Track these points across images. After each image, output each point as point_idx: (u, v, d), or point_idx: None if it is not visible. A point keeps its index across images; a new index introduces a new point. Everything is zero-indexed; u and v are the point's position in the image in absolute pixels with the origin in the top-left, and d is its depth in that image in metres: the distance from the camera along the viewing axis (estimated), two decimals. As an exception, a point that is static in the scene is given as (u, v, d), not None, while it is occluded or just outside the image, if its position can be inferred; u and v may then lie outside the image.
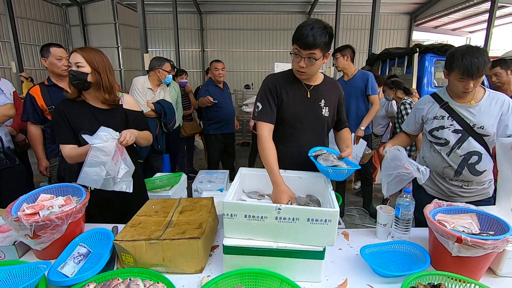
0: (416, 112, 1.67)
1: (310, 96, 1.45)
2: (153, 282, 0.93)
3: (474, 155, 1.48)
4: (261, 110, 1.42)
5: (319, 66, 1.35)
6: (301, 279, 1.02)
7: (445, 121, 1.52)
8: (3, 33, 7.21)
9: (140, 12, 5.16)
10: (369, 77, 2.86)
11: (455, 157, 1.51)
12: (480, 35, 10.66)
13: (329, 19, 9.74)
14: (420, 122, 1.65)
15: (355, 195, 3.88)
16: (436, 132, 1.55)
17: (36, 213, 1.10)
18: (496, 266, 1.07)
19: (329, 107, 1.47)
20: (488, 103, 1.46)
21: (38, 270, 0.94)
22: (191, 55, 10.39)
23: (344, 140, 1.54)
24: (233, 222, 1.02)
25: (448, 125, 1.51)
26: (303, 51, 1.28)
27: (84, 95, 1.51)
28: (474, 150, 1.47)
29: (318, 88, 1.46)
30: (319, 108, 1.46)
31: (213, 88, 3.57)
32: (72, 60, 1.43)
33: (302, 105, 1.44)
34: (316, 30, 1.24)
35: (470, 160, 1.48)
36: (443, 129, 1.53)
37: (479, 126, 1.45)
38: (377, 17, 5.42)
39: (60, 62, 2.22)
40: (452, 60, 1.40)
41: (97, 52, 1.47)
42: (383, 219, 1.30)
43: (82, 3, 8.78)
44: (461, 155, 1.49)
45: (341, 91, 1.55)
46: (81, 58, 1.42)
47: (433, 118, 1.56)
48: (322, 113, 1.46)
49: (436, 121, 1.55)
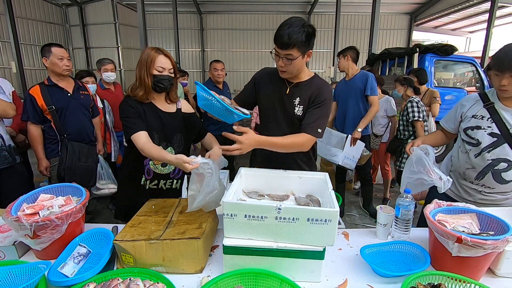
0: (457, 108, 1.55)
1: (289, 93, 1.46)
2: (153, 282, 0.92)
3: (503, 162, 1.38)
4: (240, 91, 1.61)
5: (299, 65, 1.36)
6: (301, 279, 1.02)
7: (483, 122, 1.41)
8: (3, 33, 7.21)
9: (140, 12, 5.16)
10: (369, 77, 2.83)
11: (481, 160, 1.42)
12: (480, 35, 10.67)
13: (329, 19, 9.74)
14: (459, 120, 1.53)
15: (355, 195, 3.88)
16: (471, 132, 1.45)
17: (36, 213, 1.10)
18: (495, 266, 1.07)
19: (303, 106, 1.46)
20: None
21: (38, 270, 0.94)
22: (191, 55, 10.40)
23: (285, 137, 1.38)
24: (233, 222, 1.02)
25: (486, 126, 1.40)
26: (281, 51, 1.30)
27: (154, 97, 1.51)
28: (505, 158, 1.37)
29: (298, 86, 1.46)
30: (293, 105, 1.46)
31: (212, 88, 3.57)
32: (163, 65, 1.42)
33: (279, 100, 1.48)
34: (292, 29, 1.24)
35: (498, 166, 1.39)
36: (478, 129, 1.43)
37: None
38: (377, 17, 5.42)
39: (62, 62, 2.22)
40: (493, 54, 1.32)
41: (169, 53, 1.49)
42: (383, 219, 1.30)
43: (82, 3, 8.78)
44: (489, 159, 1.40)
45: (322, 93, 1.42)
46: (170, 64, 1.45)
47: (471, 116, 1.46)
48: (294, 111, 1.46)
49: (474, 120, 1.44)
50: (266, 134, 1.50)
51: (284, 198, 1.31)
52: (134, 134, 1.37)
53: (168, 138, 1.54)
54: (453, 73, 5.96)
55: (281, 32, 1.25)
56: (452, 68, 5.81)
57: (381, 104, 3.28)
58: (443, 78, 5.86)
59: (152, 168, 1.54)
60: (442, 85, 5.61)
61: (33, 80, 7.97)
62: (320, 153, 2.90)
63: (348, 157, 2.84)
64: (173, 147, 1.56)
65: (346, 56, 2.90)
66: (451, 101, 5.12)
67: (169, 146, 1.55)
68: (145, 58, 1.41)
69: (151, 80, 1.43)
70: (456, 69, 5.88)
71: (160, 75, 1.42)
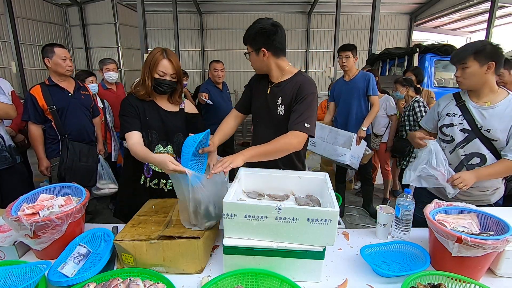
0: (434, 108, 1.64)
1: (270, 93, 1.48)
2: (153, 282, 0.93)
3: (476, 157, 1.44)
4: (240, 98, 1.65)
5: (257, 61, 1.42)
6: (301, 279, 1.02)
7: (455, 119, 1.50)
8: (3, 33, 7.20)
9: (140, 12, 5.16)
10: (370, 78, 2.87)
11: (456, 156, 1.50)
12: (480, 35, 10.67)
13: (329, 19, 9.73)
14: (437, 119, 1.61)
15: (355, 195, 3.88)
16: (445, 129, 1.54)
17: (36, 213, 1.10)
18: (495, 266, 1.07)
19: (285, 105, 1.44)
20: (504, 107, 1.40)
21: (38, 270, 0.94)
22: (191, 55, 10.39)
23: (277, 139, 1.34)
24: (233, 222, 1.02)
25: (458, 123, 1.49)
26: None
27: (156, 96, 1.52)
28: (477, 152, 1.43)
29: (279, 85, 1.46)
30: (275, 106, 1.46)
31: (212, 88, 3.57)
32: (165, 69, 1.41)
33: (262, 101, 1.50)
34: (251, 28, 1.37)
35: (471, 161, 1.46)
36: (452, 126, 1.51)
37: (486, 129, 1.41)
38: (377, 17, 5.41)
39: (65, 62, 2.23)
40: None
41: (176, 57, 1.47)
42: (383, 219, 1.30)
43: (82, 3, 8.77)
44: (462, 155, 1.47)
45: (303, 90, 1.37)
46: (173, 69, 1.43)
47: (446, 114, 1.55)
48: (277, 111, 1.46)
49: (448, 117, 1.53)
50: (256, 136, 1.57)
51: (284, 198, 1.31)
52: (128, 133, 1.39)
53: (168, 137, 1.54)
54: (453, 73, 5.95)
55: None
56: (452, 68, 5.79)
57: (380, 103, 3.29)
58: (443, 78, 5.86)
59: (151, 166, 1.54)
60: (442, 85, 5.60)
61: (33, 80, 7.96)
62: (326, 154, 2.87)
63: (354, 156, 2.84)
64: (172, 146, 1.56)
65: (356, 57, 2.89)
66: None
67: (168, 145, 1.55)
68: (150, 58, 1.42)
69: (152, 82, 1.43)
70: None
71: (160, 79, 1.42)
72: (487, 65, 1.37)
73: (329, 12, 9.47)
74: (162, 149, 1.53)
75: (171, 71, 1.42)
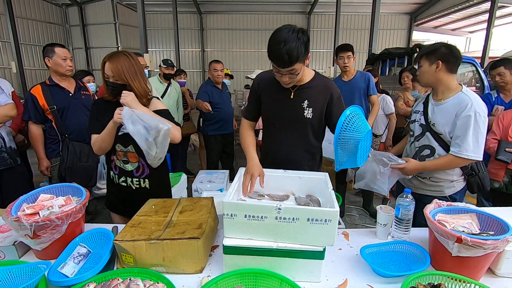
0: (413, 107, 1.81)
1: (294, 97, 1.45)
2: (153, 282, 0.93)
3: (427, 149, 1.59)
4: (246, 107, 1.58)
5: (302, 73, 1.35)
6: (301, 279, 1.02)
7: (417, 115, 1.66)
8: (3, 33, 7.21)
9: (140, 12, 5.16)
10: (370, 77, 2.89)
11: (412, 148, 1.67)
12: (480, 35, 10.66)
13: (329, 19, 9.74)
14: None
15: (355, 195, 3.88)
16: (411, 125, 1.71)
17: (36, 213, 1.10)
18: (495, 266, 1.07)
19: (314, 108, 1.44)
20: (451, 103, 1.50)
21: (38, 270, 0.94)
22: (191, 55, 10.40)
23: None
24: (233, 222, 1.02)
25: (418, 119, 1.65)
26: (282, 69, 1.26)
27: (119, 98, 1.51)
28: (427, 144, 1.58)
29: (303, 88, 1.45)
30: (301, 109, 1.45)
31: (212, 88, 3.56)
32: (107, 72, 1.43)
33: (284, 105, 1.46)
34: (289, 45, 1.17)
35: (422, 152, 1.60)
36: (414, 122, 1.67)
37: (432, 123, 1.55)
38: (377, 17, 5.42)
39: (65, 62, 2.23)
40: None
41: (126, 59, 1.43)
42: (383, 219, 1.30)
43: (82, 3, 8.78)
44: (416, 147, 1.64)
45: (332, 90, 1.46)
46: (112, 71, 1.41)
47: (414, 112, 1.72)
48: (304, 114, 1.45)
49: (414, 114, 1.70)
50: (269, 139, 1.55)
51: (284, 198, 1.31)
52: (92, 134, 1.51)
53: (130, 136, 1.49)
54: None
55: (278, 52, 1.19)
56: (452, 68, 5.81)
57: None
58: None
59: (117, 164, 1.55)
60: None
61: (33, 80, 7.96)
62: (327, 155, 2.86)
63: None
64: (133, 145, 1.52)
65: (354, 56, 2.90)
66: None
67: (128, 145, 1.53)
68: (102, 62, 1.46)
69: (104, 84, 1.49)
70: (456, 69, 5.88)
71: (107, 81, 1.46)
72: (435, 64, 1.49)
73: (329, 12, 9.48)
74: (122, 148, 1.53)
75: (111, 73, 1.42)
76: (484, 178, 1.59)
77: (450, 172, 1.56)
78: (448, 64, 1.49)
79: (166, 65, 3.55)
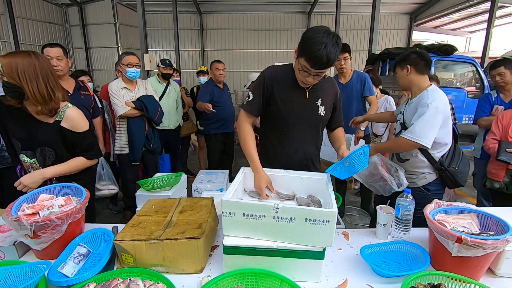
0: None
1: (309, 97, 1.45)
2: (153, 282, 0.92)
3: None
4: (251, 101, 1.45)
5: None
6: (301, 279, 1.02)
7: (400, 115, 1.86)
8: (3, 33, 7.20)
9: (140, 12, 5.16)
10: (367, 78, 2.85)
11: None
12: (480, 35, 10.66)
13: (329, 19, 9.73)
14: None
15: (355, 195, 3.88)
16: (396, 124, 1.93)
17: (36, 213, 1.10)
18: (495, 266, 1.07)
19: (325, 106, 1.49)
20: (416, 100, 1.70)
21: (38, 270, 0.94)
22: (191, 55, 10.39)
23: (338, 138, 1.56)
24: (232, 220, 1.02)
25: (399, 118, 1.85)
26: (316, 70, 1.26)
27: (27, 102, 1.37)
28: None
29: (315, 87, 1.46)
30: (316, 107, 1.47)
31: (213, 88, 3.57)
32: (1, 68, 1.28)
33: (300, 105, 1.45)
34: (330, 49, 1.19)
35: None
36: (397, 121, 1.89)
37: (404, 120, 1.77)
38: (377, 17, 5.42)
39: (51, 61, 2.17)
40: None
41: (24, 58, 1.27)
42: (383, 219, 1.30)
43: (82, 3, 8.77)
44: None
45: (337, 89, 1.55)
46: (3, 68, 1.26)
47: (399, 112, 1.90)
48: (318, 112, 1.48)
49: (399, 114, 1.88)
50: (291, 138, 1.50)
51: (290, 198, 1.32)
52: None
53: (33, 148, 1.43)
54: (453, 73, 5.96)
55: (318, 53, 1.19)
56: (452, 68, 5.81)
57: (380, 104, 3.28)
58: (443, 78, 5.86)
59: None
60: (442, 85, 5.61)
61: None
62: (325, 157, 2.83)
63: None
64: (37, 159, 1.44)
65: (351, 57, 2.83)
66: (451, 101, 5.11)
67: (33, 158, 1.45)
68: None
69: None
70: (456, 69, 5.87)
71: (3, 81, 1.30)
72: (406, 69, 1.73)
73: (329, 12, 9.47)
74: (27, 159, 1.44)
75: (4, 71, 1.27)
76: (455, 173, 1.67)
77: (420, 165, 1.73)
78: (417, 67, 1.70)
79: (164, 65, 3.54)
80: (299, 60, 1.30)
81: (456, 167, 1.67)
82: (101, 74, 9.37)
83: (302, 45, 1.25)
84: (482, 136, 2.62)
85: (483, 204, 2.57)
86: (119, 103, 2.67)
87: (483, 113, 2.65)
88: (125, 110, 2.66)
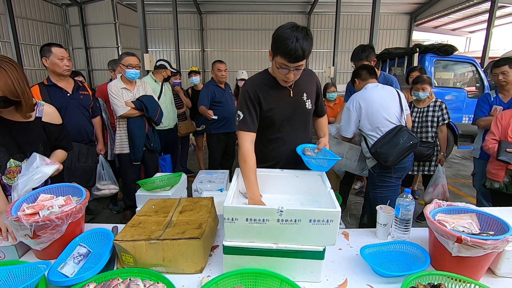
0: None
1: (294, 94, 1.46)
2: (153, 282, 0.92)
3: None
4: (242, 119, 1.40)
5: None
6: (301, 279, 1.02)
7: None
8: (3, 33, 7.20)
9: (140, 12, 5.16)
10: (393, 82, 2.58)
11: None
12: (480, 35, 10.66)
13: (329, 19, 9.74)
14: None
15: (355, 195, 3.88)
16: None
17: (36, 213, 1.10)
18: (495, 266, 1.07)
19: (311, 98, 1.51)
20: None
21: (38, 270, 0.94)
22: (191, 55, 10.39)
23: (322, 127, 1.65)
24: (234, 226, 1.00)
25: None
26: (292, 64, 1.26)
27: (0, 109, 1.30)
28: None
29: (298, 83, 1.46)
30: (303, 103, 1.49)
31: (214, 88, 3.57)
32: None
33: (288, 105, 1.46)
34: (302, 41, 1.21)
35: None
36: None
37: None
38: (377, 17, 5.41)
39: (62, 62, 2.22)
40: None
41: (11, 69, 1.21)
42: (383, 219, 1.30)
43: (82, 3, 8.77)
44: None
45: (316, 78, 1.57)
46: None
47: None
48: (306, 106, 1.49)
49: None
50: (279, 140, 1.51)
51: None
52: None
53: (23, 150, 1.39)
54: (453, 73, 5.95)
55: (292, 46, 1.20)
56: (452, 68, 5.80)
57: None
58: (443, 78, 5.86)
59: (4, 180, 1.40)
60: (442, 85, 5.60)
61: (33, 80, 7.94)
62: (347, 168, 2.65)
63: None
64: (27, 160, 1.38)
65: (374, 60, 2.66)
66: (451, 101, 5.12)
67: (24, 159, 1.39)
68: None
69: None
70: (456, 69, 5.87)
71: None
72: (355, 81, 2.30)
73: (329, 12, 9.47)
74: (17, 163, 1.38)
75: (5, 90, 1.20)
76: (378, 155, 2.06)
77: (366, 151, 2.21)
78: (359, 76, 2.26)
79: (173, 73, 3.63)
80: (275, 59, 1.30)
81: (378, 150, 2.04)
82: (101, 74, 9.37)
83: (275, 43, 1.26)
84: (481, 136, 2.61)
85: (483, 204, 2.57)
86: (119, 103, 2.67)
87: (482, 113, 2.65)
88: (125, 110, 2.66)
